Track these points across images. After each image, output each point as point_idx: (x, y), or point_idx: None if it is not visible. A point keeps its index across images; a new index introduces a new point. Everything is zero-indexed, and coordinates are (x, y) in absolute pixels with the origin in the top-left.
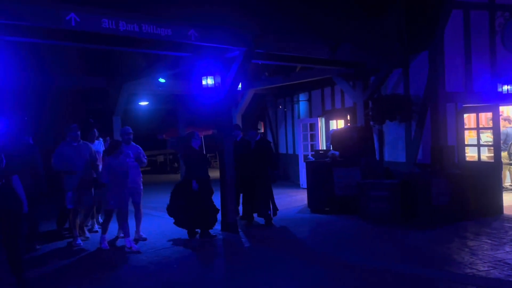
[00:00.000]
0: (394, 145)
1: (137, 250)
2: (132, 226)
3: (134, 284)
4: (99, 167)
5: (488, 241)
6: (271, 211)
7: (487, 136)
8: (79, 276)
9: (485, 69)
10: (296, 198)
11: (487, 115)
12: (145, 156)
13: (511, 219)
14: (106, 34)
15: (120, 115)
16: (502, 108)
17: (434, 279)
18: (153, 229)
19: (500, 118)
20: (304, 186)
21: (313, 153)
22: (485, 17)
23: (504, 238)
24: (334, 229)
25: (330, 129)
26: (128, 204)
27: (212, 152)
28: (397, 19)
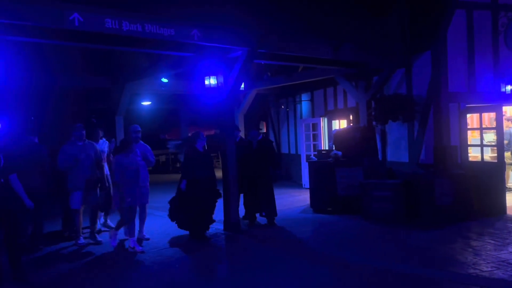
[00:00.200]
0: (396, 145)
1: (140, 251)
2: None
3: (137, 284)
4: (105, 167)
5: (492, 241)
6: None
7: (493, 138)
8: (80, 276)
9: (488, 69)
10: (299, 198)
11: (490, 115)
12: (152, 155)
13: None
14: (109, 34)
15: (122, 115)
16: (505, 108)
17: (437, 279)
18: (155, 229)
19: (503, 118)
20: (307, 186)
21: (315, 153)
22: (488, 17)
23: (508, 238)
24: (337, 229)
25: (333, 129)
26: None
27: (214, 152)
28: (400, 19)
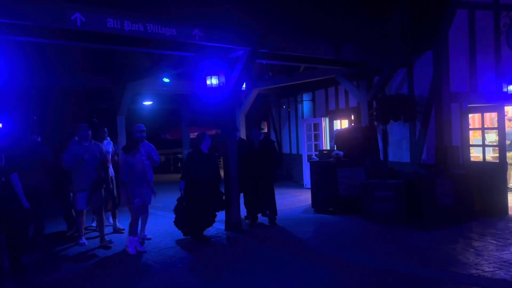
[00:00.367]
0: (398, 145)
1: (142, 251)
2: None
3: (138, 283)
4: (110, 167)
5: (493, 241)
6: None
7: (495, 139)
8: (81, 275)
9: (490, 69)
10: (300, 198)
11: (492, 115)
12: (157, 155)
13: None
14: (111, 34)
15: (124, 114)
16: (507, 108)
17: (438, 279)
18: (157, 228)
19: (505, 118)
20: (308, 186)
21: (317, 153)
22: (490, 17)
23: (510, 238)
24: (338, 229)
25: (334, 129)
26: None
27: (215, 152)
28: (402, 19)
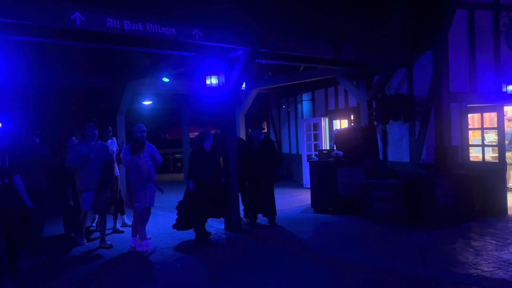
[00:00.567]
0: (398, 145)
1: (141, 251)
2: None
3: (137, 283)
4: (116, 167)
5: (493, 241)
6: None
7: (494, 139)
8: (80, 274)
9: (490, 69)
10: (300, 198)
11: (492, 115)
12: (159, 155)
13: None
14: (111, 33)
15: (123, 114)
16: (507, 108)
17: (438, 279)
18: (156, 228)
19: (504, 118)
20: (308, 186)
21: (316, 153)
22: (489, 17)
23: (509, 238)
24: (338, 229)
25: (334, 129)
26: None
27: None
28: (401, 19)
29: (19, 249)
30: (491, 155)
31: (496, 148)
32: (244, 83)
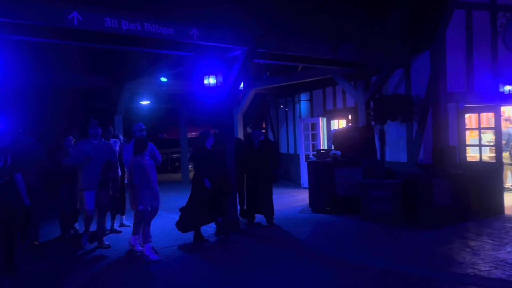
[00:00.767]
0: (395, 145)
1: (140, 250)
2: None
3: (135, 283)
4: (117, 166)
5: (490, 241)
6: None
7: (491, 139)
8: (77, 272)
9: (487, 69)
10: (298, 198)
11: (489, 115)
12: (159, 154)
13: None
14: (109, 33)
15: (122, 114)
16: (504, 109)
17: (436, 279)
18: (154, 228)
19: (501, 118)
20: (306, 186)
21: (314, 153)
22: (486, 17)
23: (506, 238)
24: (336, 229)
25: (332, 129)
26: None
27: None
28: (400, 19)
29: (17, 249)
30: (488, 155)
31: (493, 148)
32: (242, 83)
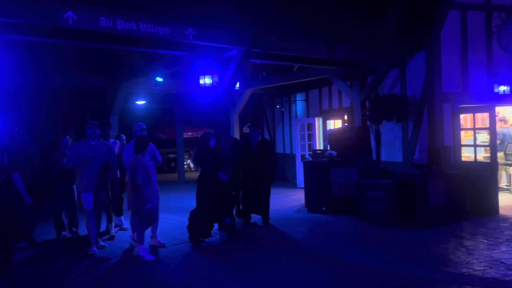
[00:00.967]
0: (391, 145)
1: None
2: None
3: (130, 283)
4: (117, 167)
5: (484, 240)
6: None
7: (486, 138)
8: (73, 274)
9: (482, 70)
10: (293, 198)
11: (483, 115)
12: (159, 155)
13: (507, 219)
14: (104, 33)
15: (117, 114)
16: (498, 109)
17: (431, 278)
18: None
19: (496, 118)
20: (301, 186)
21: (310, 153)
22: (481, 18)
23: (500, 237)
24: (333, 229)
25: (328, 129)
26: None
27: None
28: (395, 19)
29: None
30: (483, 155)
31: (488, 148)
32: (238, 83)
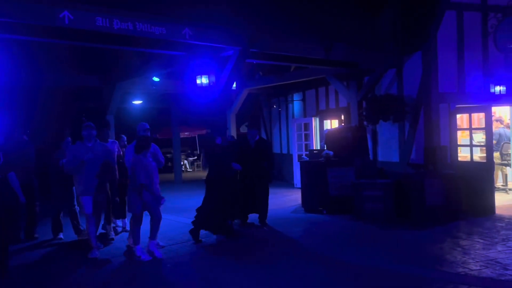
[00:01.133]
0: (387, 145)
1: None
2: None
3: (126, 283)
4: (116, 169)
5: (480, 240)
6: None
7: (482, 138)
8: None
9: (478, 70)
10: (290, 198)
11: (480, 115)
12: (162, 156)
13: (503, 219)
14: (100, 32)
15: (113, 114)
16: (494, 109)
17: (427, 278)
18: (147, 229)
19: (492, 118)
20: (298, 185)
21: (307, 152)
22: (478, 18)
23: (496, 237)
24: (329, 229)
25: (324, 129)
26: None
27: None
28: (392, 20)
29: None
30: (479, 155)
31: (484, 148)
32: (235, 83)
